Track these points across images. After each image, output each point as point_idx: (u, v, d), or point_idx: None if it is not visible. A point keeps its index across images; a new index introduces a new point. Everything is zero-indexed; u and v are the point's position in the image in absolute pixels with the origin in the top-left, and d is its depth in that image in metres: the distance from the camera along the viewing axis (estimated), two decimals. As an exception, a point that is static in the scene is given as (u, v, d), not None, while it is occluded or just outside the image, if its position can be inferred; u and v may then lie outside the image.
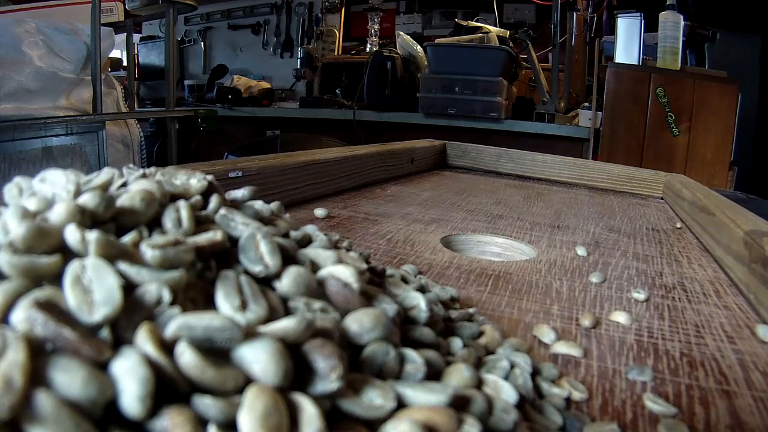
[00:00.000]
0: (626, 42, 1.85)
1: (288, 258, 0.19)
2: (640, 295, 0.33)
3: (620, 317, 0.29)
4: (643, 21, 1.83)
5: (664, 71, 1.79)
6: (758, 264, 0.33)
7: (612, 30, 1.94)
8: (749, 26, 2.15)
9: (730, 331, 0.30)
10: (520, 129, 1.94)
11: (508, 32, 2.19)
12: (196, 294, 0.16)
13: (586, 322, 0.28)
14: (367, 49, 2.64)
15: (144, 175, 0.20)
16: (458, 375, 0.18)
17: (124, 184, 0.20)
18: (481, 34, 2.06)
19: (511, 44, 2.09)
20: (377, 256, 0.38)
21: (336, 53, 2.82)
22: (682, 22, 1.82)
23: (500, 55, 1.88)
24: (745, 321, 0.31)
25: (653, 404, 0.21)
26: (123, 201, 0.18)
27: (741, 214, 0.44)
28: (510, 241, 0.46)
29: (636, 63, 1.84)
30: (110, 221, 0.17)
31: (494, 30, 2.15)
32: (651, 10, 1.85)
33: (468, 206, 0.58)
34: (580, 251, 0.43)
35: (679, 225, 0.57)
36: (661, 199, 0.76)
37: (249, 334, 0.14)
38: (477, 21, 2.32)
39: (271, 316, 0.16)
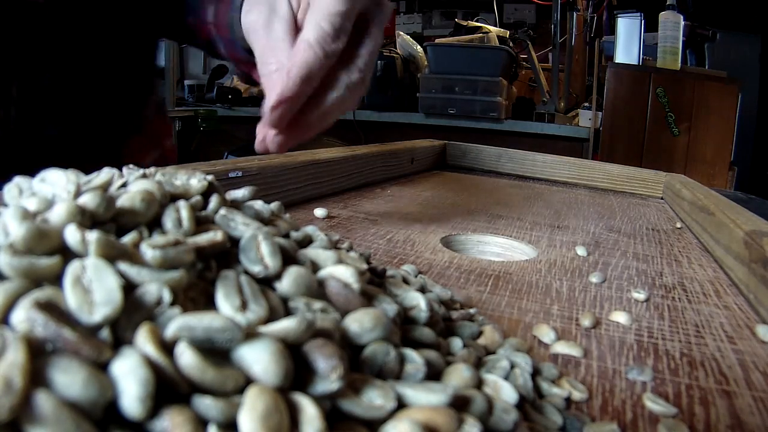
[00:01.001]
0: (626, 42, 1.85)
1: (288, 258, 0.19)
2: (640, 295, 0.33)
3: (620, 317, 0.29)
4: (643, 21, 1.83)
5: (664, 71, 1.79)
6: (758, 264, 0.33)
7: (612, 30, 1.94)
8: (749, 26, 2.15)
9: (730, 331, 0.30)
10: (520, 129, 1.94)
11: (508, 32, 2.19)
12: (196, 294, 0.16)
13: (586, 322, 0.28)
14: (367, 49, 2.63)
15: (144, 176, 0.20)
16: (458, 375, 0.18)
17: (124, 185, 0.20)
18: (481, 34, 2.06)
19: (511, 44, 2.09)
20: (377, 256, 0.38)
21: (336, 53, 2.81)
22: (682, 22, 1.82)
23: (500, 55, 1.88)
24: (745, 321, 0.31)
25: (653, 404, 0.21)
26: (123, 201, 0.18)
27: (741, 214, 0.44)
28: (510, 241, 0.46)
29: (636, 63, 1.84)
30: (110, 221, 0.17)
31: (494, 30, 2.15)
32: (651, 10, 1.85)
33: (468, 206, 0.58)
34: (580, 251, 0.43)
35: (679, 225, 0.57)
36: (661, 199, 0.76)
37: (249, 334, 0.14)
38: (477, 21, 2.32)
39: (272, 317, 0.16)
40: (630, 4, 1.91)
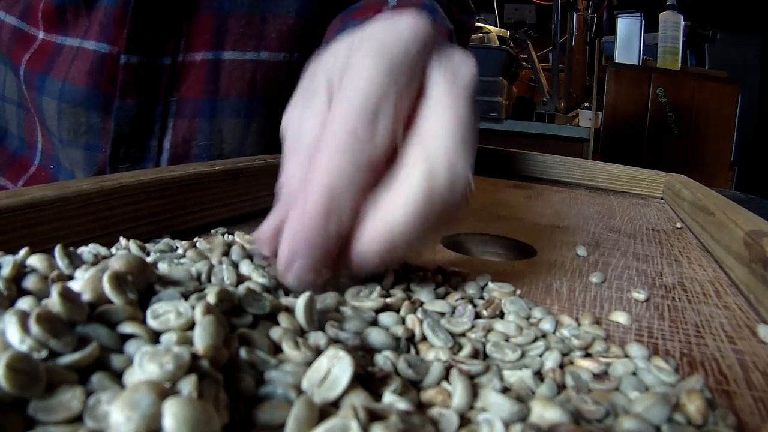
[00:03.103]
0: (626, 42, 1.85)
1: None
2: (640, 295, 0.33)
3: (620, 317, 0.29)
4: (643, 21, 1.84)
5: (665, 71, 1.80)
6: (758, 264, 0.33)
7: (612, 30, 1.94)
8: (749, 26, 2.15)
9: (730, 331, 0.30)
10: (521, 129, 1.94)
11: (509, 32, 2.19)
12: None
13: (586, 322, 0.28)
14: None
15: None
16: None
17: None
18: (481, 34, 2.06)
19: (511, 44, 2.09)
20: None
21: (336, 53, 2.81)
22: (683, 22, 1.82)
23: (500, 55, 1.88)
24: (745, 321, 0.31)
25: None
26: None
27: (741, 214, 0.43)
28: (510, 241, 0.46)
29: (636, 63, 1.84)
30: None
31: (494, 30, 2.15)
32: (651, 10, 1.85)
33: (468, 206, 0.58)
34: (580, 251, 0.43)
35: (679, 225, 0.57)
36: (661, 199, 0.76)
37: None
38: (477, 20, 2.32)
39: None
40: (630, 4, 1.91)
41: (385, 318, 0.23)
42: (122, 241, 0.23)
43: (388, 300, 0.25)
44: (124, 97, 0.50)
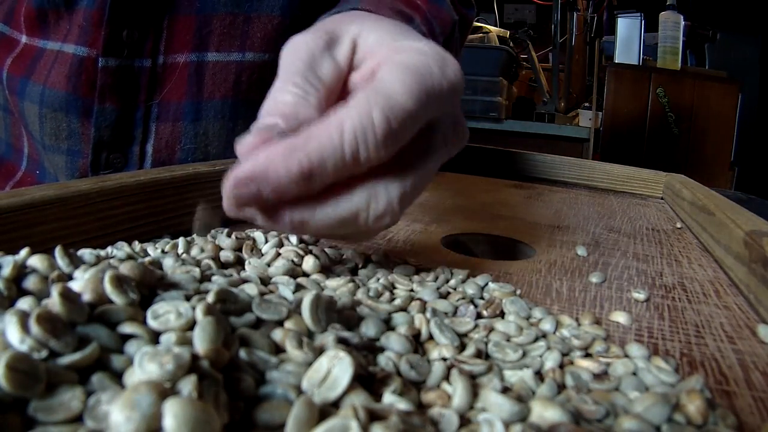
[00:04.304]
0: (626, 42, 1.85)
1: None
2: (640, 295, 0.33)
3: (620, 317, 0.29)
4: (643, 21, 1.84)
5: (665, 71, 1.80)
6: (758, 264, 0.33)
7: (612, 30, 1.94)
8: (749, 27, 2.15)
9: (730, 331, 0.30)
10: (520, 129, 1.94)
11: (509, 32, 2.19)
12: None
13: (586, 322, 0.28)
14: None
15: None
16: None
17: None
18: (481, 34, 2.06)
19: (511, 44, 2.09)
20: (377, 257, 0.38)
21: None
22: (682, 22, 1.82)
23: (500, 55, 1.88)
24: (746, 321, 0.31)
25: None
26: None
27: (741, 214, 0.43)
28: (510, 241, 0.46)
29: (636, 63, 1.84)
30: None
31: (494, 30, 2.15)
32: (651, 10, 1.86)
33: (468, 206, 0.58)
34: (580, 251, 0.43)
35: (679, 225, 0.57)
36: (661, 199, 0.76)
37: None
38: (477, 21, 2.32)
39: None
40: (630, 4, 1.91)
41: (398, 317, 0.23)
42: (135, 244, 0.23)
43: (397, 302, 0.25)
44: (103, 101, 0.49)
